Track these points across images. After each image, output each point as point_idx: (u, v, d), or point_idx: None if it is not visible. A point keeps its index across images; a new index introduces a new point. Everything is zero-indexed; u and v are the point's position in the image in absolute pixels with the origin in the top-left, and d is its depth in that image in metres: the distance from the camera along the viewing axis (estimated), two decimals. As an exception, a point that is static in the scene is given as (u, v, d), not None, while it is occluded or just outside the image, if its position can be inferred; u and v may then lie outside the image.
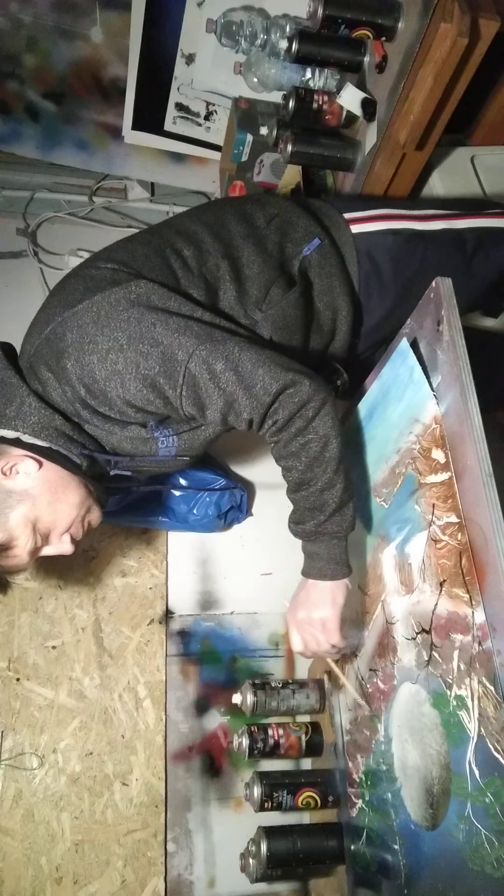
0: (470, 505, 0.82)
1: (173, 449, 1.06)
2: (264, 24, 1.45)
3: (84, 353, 0.91)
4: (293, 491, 1.00)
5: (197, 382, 0.92)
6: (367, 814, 1.09)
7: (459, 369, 0.86)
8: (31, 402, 0.97)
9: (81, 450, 1.01)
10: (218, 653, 1.54)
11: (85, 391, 0.94)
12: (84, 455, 1.02)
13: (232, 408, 0.94)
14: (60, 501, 1.01)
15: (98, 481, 1.07)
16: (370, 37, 1.24)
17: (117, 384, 0.92)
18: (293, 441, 0.95)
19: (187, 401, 0.94)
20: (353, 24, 1.23)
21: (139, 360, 0.90)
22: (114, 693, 1.45)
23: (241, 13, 1.48)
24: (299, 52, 1.30)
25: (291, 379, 0.92)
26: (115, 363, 0.91)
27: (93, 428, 1.01)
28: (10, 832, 1.33)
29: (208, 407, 0.94)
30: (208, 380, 0.91)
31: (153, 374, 0.91)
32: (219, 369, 0.91)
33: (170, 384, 0.92)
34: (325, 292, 1.10)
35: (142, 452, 1.05)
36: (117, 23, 1.77)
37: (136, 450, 1.04)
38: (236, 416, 0.95)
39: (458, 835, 0.80)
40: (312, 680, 1.37)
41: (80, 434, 1.01)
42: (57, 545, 1.05)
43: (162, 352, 0.91)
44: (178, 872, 1.36)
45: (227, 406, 0.94)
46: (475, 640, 0.78)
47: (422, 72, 1.14)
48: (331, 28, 1.24)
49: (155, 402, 0.94)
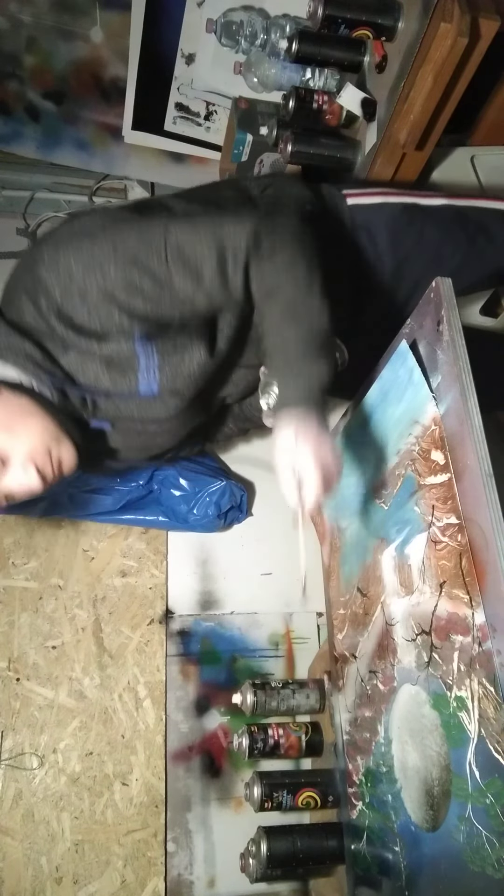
0: (470, 505, 0.82)
1: (155, 383, 0.99)
2: (264, 24, 1.45)
3: (58, 254, 0.89)
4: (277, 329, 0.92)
5: (181, 246, 0.88)
6: (368, 815, 1.09)
7: (459, 369, 0.86)
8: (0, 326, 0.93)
9: (52, 380, 0.95)
10: (218, 653, 1.54)
11: (61, 294, 0.89)
12: (56, 389, 0.96)
13: (226, 254, 0.90)
14: (19, 425, 0.94)
15: (76, 426, 1.01)
16: (370, 37, 1.24)
17: (95, 273, 0.87)
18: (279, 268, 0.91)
19: (176, 268, 0.89)
20: (353, 24, 1.23)
21: (115, 242, 0.88)
22: (114, 693, 1.45)
23: (241, 13, 1.48)
24: (299, 52, 1.30)
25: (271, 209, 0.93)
26: (90, 253, 0.87)
27: (67, 359, 0.95)
28: (10, 832, 1.33)
29: (202, 268, 0.90)
30: (193, 237, 0.88)
31: (133, 251, 0.88)
32: (199, 222, 0.89)
33: (152, 255, 0.88)
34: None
35: (120, 389, 0.99)
36: (117, 23, 1.77)
37: (113, 384, 0.98)
38: (234, 259, 0.90)
39: (458, 836, 0.80)
40: (312, 680, 1.37)
41: (51, 363, 0.95)
42: (20, 475, 0.95)
43: (138, 230, 0.88)
44: (178, 872, 1.36)
45: (220, 255, 0.89)
46: (475, 641, 0.78)
47: (422, 72, 1.14)
48: (331, 28, 1.24)
49: (142, 286, 0.89)
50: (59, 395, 0.96)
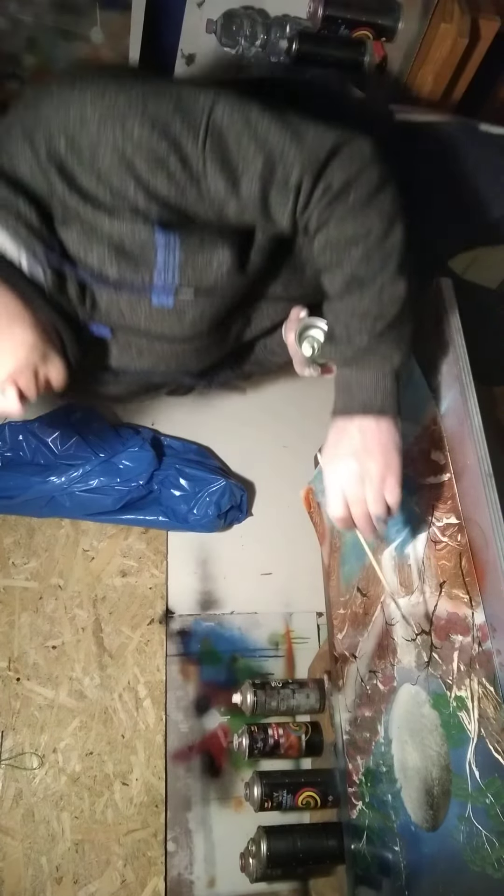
0: (470, 505, 0.82)
1: (175, 274, 0.78)
2: (264, 24, 1.45)
3: (73, 91, 0.68)
4: (340, 295, 0.76)
5: (225, 133, 0.69)
6: (368, 815, 1.09)
7: (459, 369, 0.86)
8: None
9: (48, 254, 0.74)
10: (218, 653, 1.54)
11: (66, 143, 0.68)
12: (50, 265, 0.75)
13: (276, 168, 0.70)
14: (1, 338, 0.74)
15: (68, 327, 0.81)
16: (370, 37, 1.24)
17: (115, 126, 0.67)
18: (350, 218, 0.72)
19: (212, 161, 0.70)
20: (353, 25, 1.23)
21: (147, 97, 0.68)
22: (114, 693, 1.45)
23: (241, 13, 1.48)
24: (299, 52, 1.30)
25: (351, 134, 0.71)
26: (114, 98, 0.67)
27: (68, 232, 0.75)
28: (10, 832, 1.33)
29: (243, 171, 0.70)
30: (242, 128, 0.69)
31: (166, 115, 0.68)
32: (255, 115, 0.69)
33: (189, 131, 0.68)
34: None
35: (130, 280, 0.78)
36: (117, 23, 1.77)
37: (121, 274, 0.77)
38: (282, 185, 0.71)
39: (458, 836, 0.80)
40: (312, 680, 1.37)
41: (48, 232, 0.74)
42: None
43: (178, 92, 0.69)
44: (178, 872, 1.36)
45: (268, 165, 0.70)
46: (475, 641, 0.78)
47: (422, 72, 1.14)
48: (331, 28, 1.24)
49: (168, 164, 0.69)
50: (54, 279, 0.76)
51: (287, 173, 0.70)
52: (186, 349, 0.92)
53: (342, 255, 0.74)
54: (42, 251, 0.74)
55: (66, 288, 0.79)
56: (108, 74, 0.72)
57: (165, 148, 0.68)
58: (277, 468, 1.68)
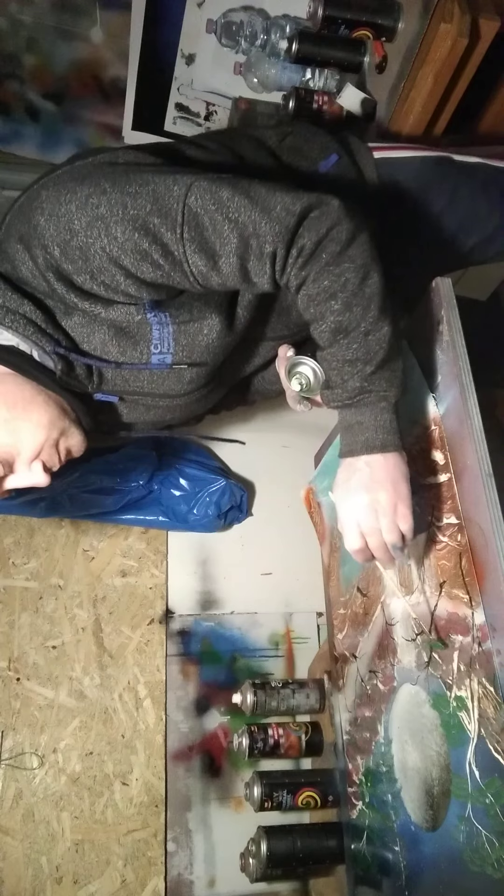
0: (470, 505, 0.82)
1: (169, 353, 0.88)
2: (264, 24, 1.44)
3: (60, 204, 0.76)
4: (329, 344, 0.81)
5: (200, 219, 0.75)
6: (368, 815, 1.09)
7: (459, 369, 0.86)
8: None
9: (55, 347, 0.83)
10: (218, 653, 1.54)
11: (60, 252, 0.77)
12: (58, 354, 0.83)
13: (250, 243, 0.76)
14: (21, 420, 0.83)
15: (79, 401, 0.90)
16: (370, 37, 1.24)
17: (100, 232, 0.75)
18: (325, 274, 0.77)
19: (191, 246, 0.77)
20: (353, 25, 1.23)
21: (126, 200, 0.75)
22: (114, 693, 1.45)
23: (241, 13, 1.48)
24: (299, 52, 1.31)
25: (317, 198, 0.76)
26: (96, 207, 0.75)
27: (70, 322, 0.85)
28: (10, 832, 1.33)
29: (220, 250, 0.77)
30: (215, 211, 0.75)
31: (144, 214, 0.75)
32: (225, 196, 0.75)
33: (166, 224, 0.75)
34: None
35: (130, 358, 0.87)
36: (117, 23, 1.77)
37: (122, 353, 0.87)
38: (258, 257, 0.77)
39: (458, 836, 0.80)
40: (312, 680, 1.37)
41: (53, 327, 0.84)
42: (26, 475, 0.87)
43: (153, 190, 0.76)
44: (178, 872, 1.36)
45: (243, 242, 0.76)
46: (475, 641, 0.78)
47: (422, 72, 1.14)
48: (331, 28, 1.24)
49: (151, 256, 0.77)
50: (62, 365, 0.85)
51: (261, 245, 0.76)
52: (190, 399, 1.00)
53: (324, 308, 0.79)
54: (49, 345, 0.83)
55: (74, 370, 0.87)
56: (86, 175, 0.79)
57: (148, 243, 0.76)
58: (277, 468, 1.68)
